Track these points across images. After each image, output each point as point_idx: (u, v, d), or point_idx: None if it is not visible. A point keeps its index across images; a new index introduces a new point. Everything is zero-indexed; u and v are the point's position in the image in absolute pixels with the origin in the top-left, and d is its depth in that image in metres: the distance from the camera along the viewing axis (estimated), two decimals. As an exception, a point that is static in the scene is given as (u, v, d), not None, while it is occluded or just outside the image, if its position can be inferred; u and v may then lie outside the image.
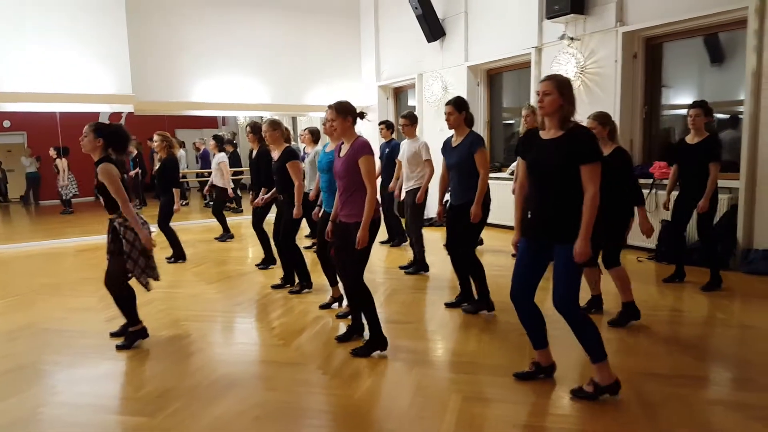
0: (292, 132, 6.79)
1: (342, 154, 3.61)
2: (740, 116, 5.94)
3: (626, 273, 4.13)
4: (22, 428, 2.86)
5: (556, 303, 2.91)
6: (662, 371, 3.31)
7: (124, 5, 8.78)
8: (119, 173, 3.75)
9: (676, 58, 6.65)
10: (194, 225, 10.14)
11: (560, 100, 2.83)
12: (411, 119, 5.94)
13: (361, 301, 3.69)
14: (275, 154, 5.14)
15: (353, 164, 3.50)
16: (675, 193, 5.15)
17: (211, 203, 12.80)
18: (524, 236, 3.07)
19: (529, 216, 3.07)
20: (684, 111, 6.69)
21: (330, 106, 3.62)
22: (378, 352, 3.66)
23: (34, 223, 11.79)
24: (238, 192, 11.15)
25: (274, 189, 5.37)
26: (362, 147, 3.52)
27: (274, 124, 5.06)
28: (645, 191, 6.24)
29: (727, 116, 6.34)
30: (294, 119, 14.06)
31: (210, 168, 12.27)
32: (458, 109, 4.32)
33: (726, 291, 4.91)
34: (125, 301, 3.91)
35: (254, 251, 7.39)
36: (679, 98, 6.86)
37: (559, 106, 2.83)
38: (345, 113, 3.57)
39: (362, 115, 3.72)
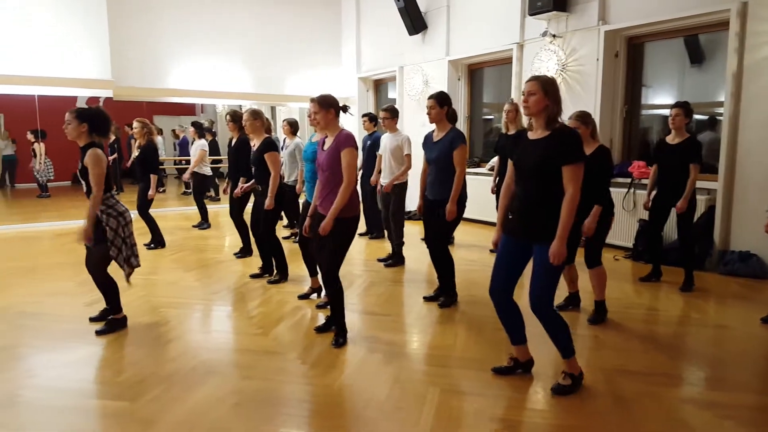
0: (272, 122, 6.74)
1: (326, 147, 3.61)
2: (719, 117, 6.07)
3: (605, 273, 4.20)
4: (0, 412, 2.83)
5: (532, 301, 2.95)
6: (637, 368, 3.38)
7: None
8: (107, 161, 3.70)
9: (656, 57, 6.75)
10: (171, 212, 10.02)
11: (545, 100, 2.85)
12: (392, 113, 5.94)
13: (332, 295, 3.71)
14: (254, 144, 5.10)
15: (337, 157, 3.51)
16: (654, 193, 5.24)
17: (188, 191, 12.72)
18: (505, 233, 3.10)
19: (510, 214, 3.09)
20: (663, 111, 6.86)
21: (312, 99, 3.61)
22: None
23: (10, 207, 11.54)
24: (216, 180, 11.05)
25: (253, 179, 5.33)
26: (346, 140, 3.53)
27: (255, 114, 5.02)
28: (623, 190, 6.37)
29: (705, 117, 6.46)
30: (273, 109, 13.95)
31: (188, 155, 12.16)
32: (440, 103, 4.31)
33: (702, 291, 5.00)
34: (108, 289, 3.88)
35: (231, 240, 7.35)
36: (659, 98, 6.98)
37: (545, 106, 2.85)
38: (327, 106, 3.56)
39: (345, 108, 3.72)
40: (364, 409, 2.89)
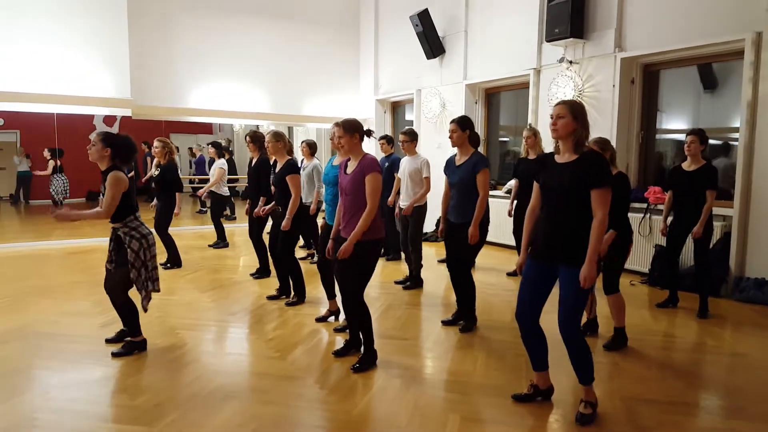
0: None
1: (349, 171, 3.64)
2: (732, 143, 6.08)
3: (623, 300, 4.18)
4: (16, 435, 2.83)
5: (560, 325, 2.94)
6: (656, 397, 3.34)
7: (126, 8, 8.79)
8: (128, 185, 3.75)
9: (670, 83, 6.78)
10: (186, 231, 10.07)
11: (574, 124, 2.87)
12: (411, 136, 5.97)
13: (359, 319, 3.70)
14: (278, 166, 5.15)
15: (361, 182, 3.53)
16: (669, 219, 5.23)
17: (204, 209, 12.81)
18: (531, 258, 3.09)
19: (537, 238, 3.10)
20: (677, 136, 6.87)
21: (337, 123, 3.65)
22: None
23: (24, 223, 11.67)
24: (232, 200, 11.13)
25: (273, 203, 5.37)
26: (370, 164, 3.55)
27: (278, 136, 5.08)
28: (639, 215, 6.35)
29: (719, 143, 6.45)
30: (290, 129, 14.09)
31: (204, 174, 12.27)
32: (462, 127, 4.35)
33: (718, 318, 4.96)
34: (128, 312, 3.89)
35: (247, 260, 7.37)
36: (673, 123, 6.99)
37: (573, 129, 2.88)
38: (352, 130, 3.60)
39: (369, 133, 3.76)
40: (385, 436, 2.87)
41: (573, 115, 2.88)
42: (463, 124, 4.36)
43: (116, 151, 3.77)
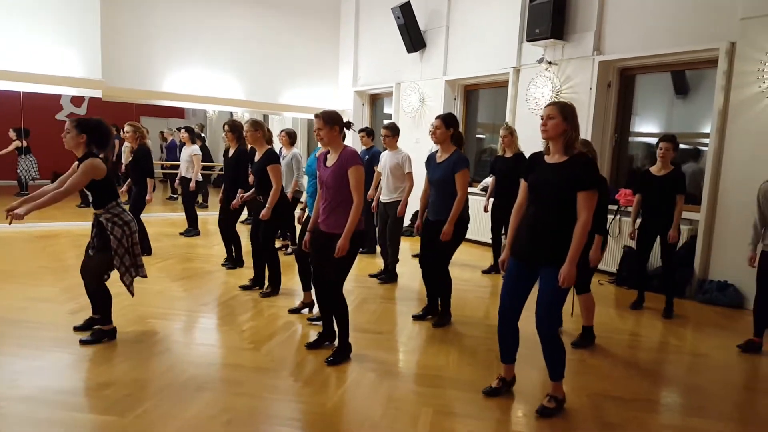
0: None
1: (329, 163, 3.63)
2: (701, 148, 6.26)
3: (593, 300, 4.28)
4: (-19, 423, 2.76)
5: (538, 321, 3.00)
6: (621, 394, 3.45)
7: (99, -15, 8.54)
8: (106, 172, 3.67)
9: (645, 88, 6.93)
10: (156, 217, 9.89)
11: (564, 125, 2.92)
12: (393, 130, 5.96)
13: (337, 311, 3.71)
14: (257, 154, 5.09)
15: (342, 175, 3.52)
16: (638, 222, 5.36)
17: (174, 196, 12.59)
18: (513, 255, 3.14)
19: (521, 236, 3.14)
20: (647, 139, 7.03)
21: (317, 115, 3.63)
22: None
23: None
24: (207, 187, 10.96)
25: (253, 190, 5.32)
26: (351, 157, 3.54)
27: (256, 125, 5.02)
28: (609, 216, 6.48)
29: (689, 148, 6.63)
30: (265, 117, 13.92)
31: (176, 160, 12.05)
32: (447, 124, 4.36)
33: (682, 319, 5.13)
34: (101, 299, 3.83)
35: (220, 249, 7.27)
36: (644, 127, 7.15)
37: (563, 130, 2.93)
38: (332, 122, 3.59)
39: (349, 125, 3.76)
40: (359, 429, 2.89)
41: (563, 116, 2.93)
42: (448, 121, 4.38)
43: (91, 136, 3.68)
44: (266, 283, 5.30)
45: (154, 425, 2.81)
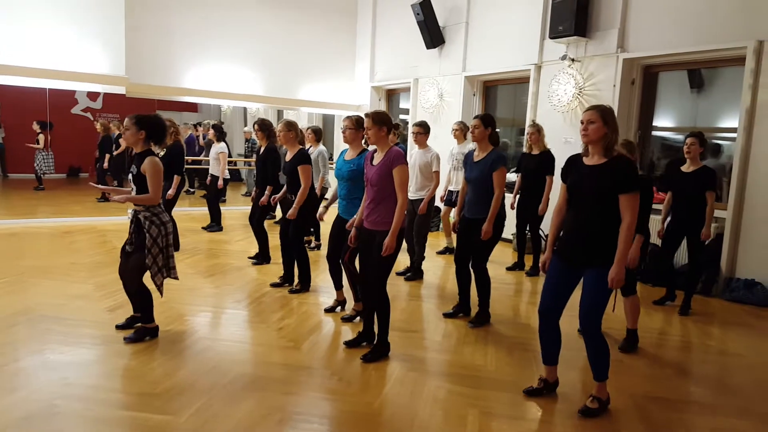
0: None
1: (375, 162, 3.68)
2: (719, 143, 6.28)
3: (639, 302, 4.28)
4: (41, 423, 2.81)
5: (582, 321, 3.04)
6: (664, 395, 3.48)
7: (122, -17, 8.59)
8: (162, 169, 3.77)
9: (664, 84, 6.93)
10: (175, 212, 9.93)
11: (605, 128, 2.95)
12: (425, 128, 5.97)
13: (380, 309, 3.76)
14: (289, 154, 5.14)
15: (387, 173, 3.59)
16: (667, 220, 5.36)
17: (191, 190, 12.65)
18: (556, 256, 3.18)
19: (562, 238, 3.18)
20: (663, 133, 7.05)
21: (367, 114, 3.71)
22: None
23: (6, 199, 11.37)
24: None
25: (285, 188, 5.38)
26: (398, 157, 3.61)
27: (290, 125, 5.07)
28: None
29: (710, 144, 6.62)
30: (280, 113, 13.96)
31: (194, 154, 12.12)
32: (485, 124, 4.42)
33: (711, 317, 5.14)
34: (142, 298, 3.88)
35: (243, 245, 7.35)
36: (661, 122, 7.16)
37: (604, 134, 2.96)
38: (380, 123, 3.65)
39: (397, 126, 3.81)
40: (410, 429, 2.93)
41: (604, 120, 2.96)
42: (486, 121, 4.43)
43: (150, 132, 3.77)
44: (296, 280, 5.35)
45: (209, 424, 2.86)
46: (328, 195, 5.79)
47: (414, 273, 6.02)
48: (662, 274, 5.63)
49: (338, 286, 4.74)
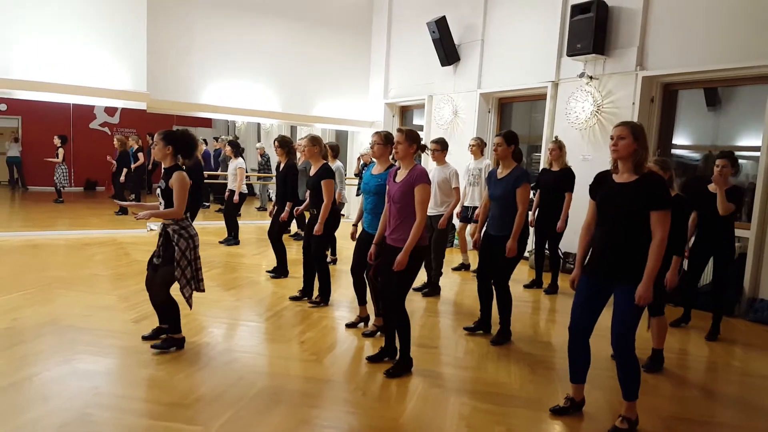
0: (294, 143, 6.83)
1: (398, 179, 3.71)
2: (740, 161, 6.26)
3: (666, 322, 4.25)
4: (77, 431, 2.84)
5: (614, 341, 3.03)
6: (692, 416, 3.45)
7: (145, 2, 8.77)
8: (190, 183, 3.83)
9: (682, 101, 6.94)
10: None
11: (635, 144, 2.96)
12: (442, 145, 6.01)
13: (400, 325, 3.77)
14: (312, 169, 5.20)
15: (409, 192, 3.62)
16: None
17: (206, 204, 12.77)
18: (585, 274, 3.18)
19: (592, 255, 3.18)
20: (685, 153, 7.08)
21: (400, 130, 3.78)
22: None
23: (23, 211, 11.52)
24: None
25: (306, 202, 5.44)
26: (421, 175, 3.64)
27: (314, 140, 5.15)
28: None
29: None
30: (293, 128, 14.11)
31: (209, 169, 12.25)
32: (508, 142, 4.45)
33: (735, 339, 5.07)
34: (169, 311, 3.92)
35: (260, 258, 7.40)
36: (683, 142, 7.16)
37: (633, 150, 2.96)
38: (412, 140, 3.72)
39: (424, 148, 3.86)
40: (438, 445, 2.93)
41: (634, 136, 2.97)
42: (509, 138, 4.46)
43: (177, 147, 3.84)
44: (315, 293, 5.38)
45: (239, 436, 2.88)
46: (344, 211, 5.84)
47: (431, 289, 6.02)
48: (685, 294, 5.57)
49: (362, 301, 4.75)
